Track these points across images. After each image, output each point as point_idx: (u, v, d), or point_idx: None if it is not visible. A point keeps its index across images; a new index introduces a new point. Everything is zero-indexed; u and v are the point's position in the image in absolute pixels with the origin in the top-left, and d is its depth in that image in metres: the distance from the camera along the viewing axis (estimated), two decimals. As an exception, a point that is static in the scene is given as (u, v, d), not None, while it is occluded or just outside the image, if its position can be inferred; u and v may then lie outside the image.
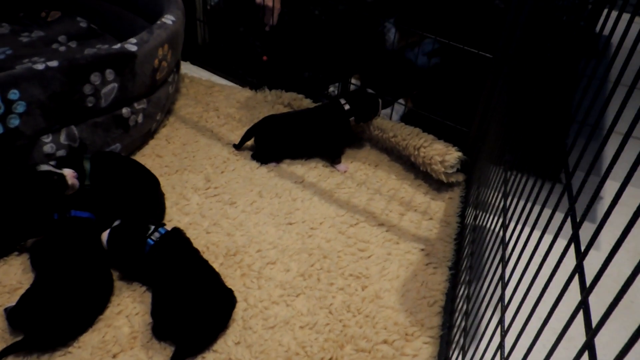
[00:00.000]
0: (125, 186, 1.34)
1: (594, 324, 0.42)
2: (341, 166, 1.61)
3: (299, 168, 1.60)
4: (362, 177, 1.58)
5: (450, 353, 1.04)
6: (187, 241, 1.19)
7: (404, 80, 1.83)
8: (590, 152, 0.49)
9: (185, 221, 1.35)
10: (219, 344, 1.05)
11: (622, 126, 0.45)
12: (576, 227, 0.53)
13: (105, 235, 1.15)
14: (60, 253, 1.11)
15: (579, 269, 0.49)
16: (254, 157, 1.62)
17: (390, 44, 1.73)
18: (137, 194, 1.34)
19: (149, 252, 1.13)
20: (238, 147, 1.65)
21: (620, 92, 0.47)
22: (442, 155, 1.49)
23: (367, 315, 1.14)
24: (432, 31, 1.57)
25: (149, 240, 1.13)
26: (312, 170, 1.59)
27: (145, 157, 1.58)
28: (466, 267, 1.18)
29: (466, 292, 1.08)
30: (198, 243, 1.25)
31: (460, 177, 1.55)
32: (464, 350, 0.94)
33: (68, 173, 1.20)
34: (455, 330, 1.09)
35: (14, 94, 1.20)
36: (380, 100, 1.65)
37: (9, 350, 0.99)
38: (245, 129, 1.63)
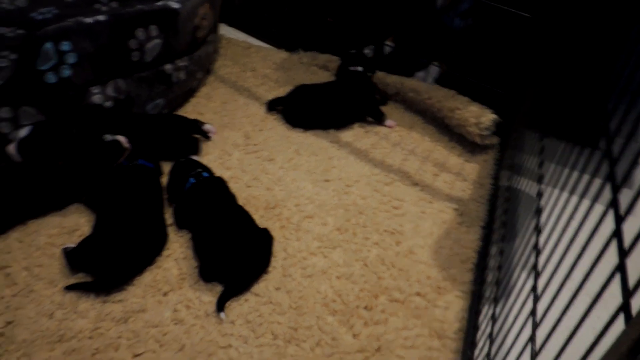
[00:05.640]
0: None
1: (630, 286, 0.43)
2: (389, 122, 1.65)
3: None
4: (396, 138, 1.60)
5: (481, 306, 1.08)
6: (226, 188, 1.28)
7: (438, 43, 1.83)
8: (630, 118, 0.50)
9: (227, 175, 1.40)
10: (261, 288, 1.11)
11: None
12: (615, 190, 0.53)
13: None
14: (123, 198, 1.18)
15: (617, 233, 0.50)
16: (288, 121, 1.65)
17: (439, 4, 1.73)
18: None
19: (189, 188, 1.23)
20: (269, 109, 1.68)
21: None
22: (477, 117, 1.50)
23: (401, 268, 1.18)
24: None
25: (191, 178, 1.24)
26: (347, 131, 1.62)
27: (187, 115, 1.62)
28: (499, 226, 1.21)
29: (498, 249, 1.11)
30: (239, 196, 1.31)
31: (495, 140, 1.56)
32: (495, 302, 0.98)
33: (123, 140, 1.29)
34: (486, 285, 1.13)
35: (66, 45, 1.25)
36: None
37: (76, 287, 1.05)
38: (281, 90, 1.66)
